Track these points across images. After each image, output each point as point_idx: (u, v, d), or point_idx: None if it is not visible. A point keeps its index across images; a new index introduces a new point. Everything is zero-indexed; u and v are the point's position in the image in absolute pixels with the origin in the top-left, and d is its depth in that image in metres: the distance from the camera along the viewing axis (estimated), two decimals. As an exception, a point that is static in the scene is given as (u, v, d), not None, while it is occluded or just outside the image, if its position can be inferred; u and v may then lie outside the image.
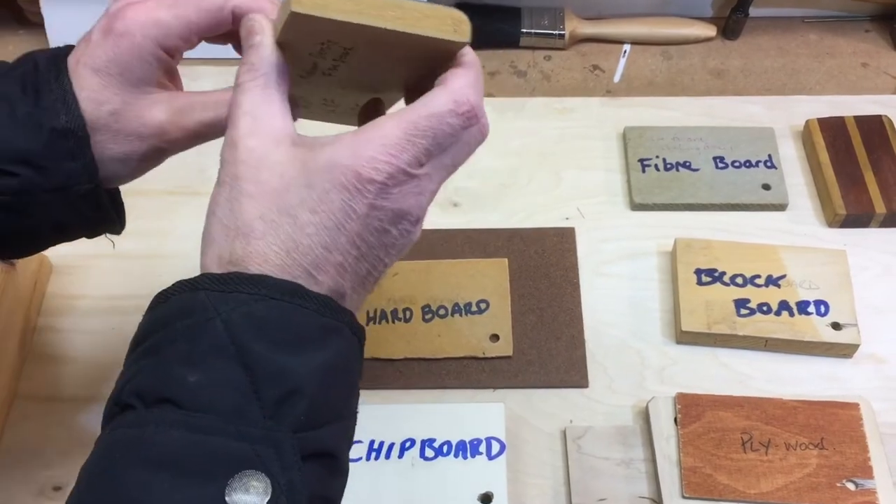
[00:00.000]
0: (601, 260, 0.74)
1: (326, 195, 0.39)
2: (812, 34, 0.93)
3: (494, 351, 0.68)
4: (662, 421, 0.63)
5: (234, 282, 0.39)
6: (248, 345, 0.37)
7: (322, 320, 0.39)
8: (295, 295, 0.39)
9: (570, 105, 0.85)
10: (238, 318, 0.38)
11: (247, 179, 0.40)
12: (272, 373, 0.38)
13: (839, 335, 0.67)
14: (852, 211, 0.74)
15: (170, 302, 0.40)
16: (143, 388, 0.38)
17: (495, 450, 0.62)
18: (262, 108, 0.41)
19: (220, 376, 0.37)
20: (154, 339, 0.39)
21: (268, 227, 0.40)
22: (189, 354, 0.38)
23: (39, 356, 0.69)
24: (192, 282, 0.40)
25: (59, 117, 0.45)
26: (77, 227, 0.50)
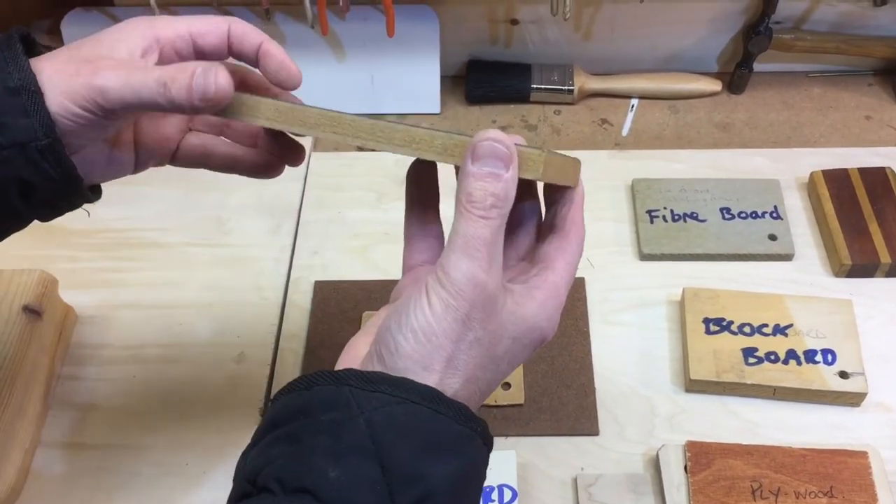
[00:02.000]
0: (611, 309, 0.75)
1: (523, 349, 0.45)
2: (816, 88, 0.95)
3: (506, 399, 0.69)
4: (673, 469, 0.63)
5: (378, 382, 0.40)
6: (388, 446, 0.38)
7: (457, 428, 0.40)
8: (433, 401, 0.40)
9: (580, 157, 0.86)
10: (380, 419, 0.39)
11: (479, 324, 0.42)
12: (408, 476, 0.38)
13: (847, 384, 0.68)
14: (858, 261, 0.75)
15: (313, 390, 0.41)
16: (283, 475, 0.38)
17: (507, 497, 0.63)
18: (497, 248, 0.42)
19: (360, 474, 0.38)
20: (294, 427, 0.40)
21: (482, 373, 0.43)
22: (332, 449, 0.38)
23: (63, 404, 0.71)
24: (338, 375, 0.41)
25: (11, 77, 0.46)
26: (46, 191, 0.48)
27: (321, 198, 0.86)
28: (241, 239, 0.82)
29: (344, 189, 0.85)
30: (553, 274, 0.45)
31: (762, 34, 0.89)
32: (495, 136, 0.42)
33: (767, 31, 0.89)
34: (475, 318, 0.41)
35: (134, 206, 0.84)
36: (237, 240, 0.82)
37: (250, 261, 0.81)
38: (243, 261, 0.81)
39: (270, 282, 0.79)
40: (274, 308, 0.77)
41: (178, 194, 0.86)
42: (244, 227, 0.83)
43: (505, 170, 0.42)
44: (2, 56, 0.46)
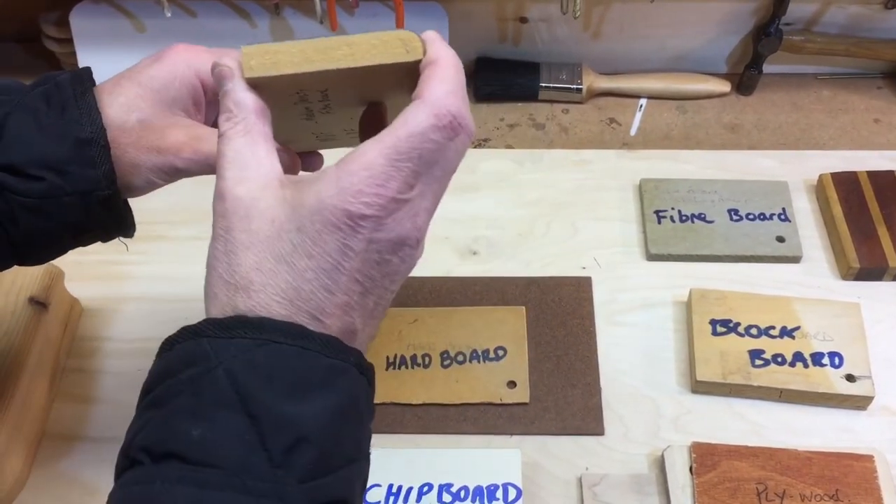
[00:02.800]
0: (617, 309, 0.75)
1: (319, 237, 0.38)
2: (825, 90, 0.95)
3: (511, 397, 0.69)
4: (678, 470, 0.63)
5: (236, 327, 0.38)
6: (252, 394, 0.37)
7: (327, 361, 0.38)
8: (298, 336, 0.38)
9: (588, 157, 0.87)
10: (240, 366, 0.37)
11: (239, 230, 0.39)
12: (278, 422, 0.37)
13: (853, 387, 0.67)
14: (866, 264, 0.75)
15: (174, 349, 0.39)
16: (149, 443, 0.37)
17: (512, 496, 0.63)
18: (245, 153, 0.41)
19: (225, 429, 0.37)
20: (160, 390, 0.39)
21: (266, 278, 0.39)
22: (193, 407, 0.37)
23: (68, 397, 0.71)
24: (196, 328, 0.39)
25: (83, 128, 0.49)
26: (94, 231, 0.53)
27: (328, 194, 0.85)
28: (248, 234, 0.82)
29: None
30: (364, 144, 0.39)
31: (772, 35, 0.89)
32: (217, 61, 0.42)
33: (778, 32, 0.89)
34: (232, 225, 0.40)
35: (142, 199, 0.82)
36: (244, 234, 0.82)
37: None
38: (249, 256, 0.80)
39: (276, 277, 0.79)
40: (280, 303, 0.77)
41: (186, 188, 0.84)
42: (251, 221, 0.83)
43: (228, 83, 0.42)
44: (76, 105, 0.49)
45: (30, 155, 0.48)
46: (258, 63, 0.41)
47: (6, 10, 0.94)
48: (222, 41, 0.90)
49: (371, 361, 0.44)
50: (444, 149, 0.40)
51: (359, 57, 0.41)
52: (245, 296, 0.39)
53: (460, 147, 0.41)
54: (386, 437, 0.68)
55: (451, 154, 0.40)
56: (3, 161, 0.48)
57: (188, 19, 0.89)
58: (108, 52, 0.91)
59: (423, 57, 0.41)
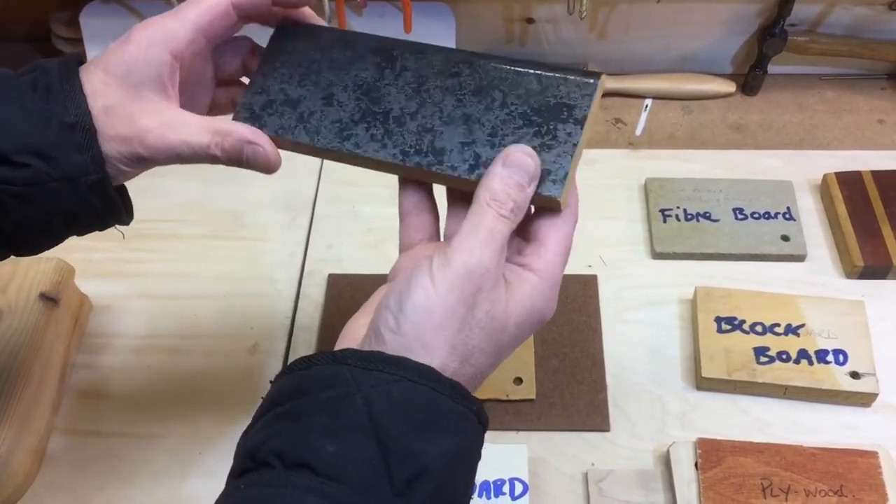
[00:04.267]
0: (623, 307, 0.76)
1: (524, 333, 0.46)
2: (829, 91, 0.96)
3: (518, 394, 0.69)
4: (683, 465, 0.64)
5: (375, 361, 0.41)
6: (385, 423, 0.39)
7: (453, 406, 0.41)
8: (430, 379, 0.41)
9: (594, 157, 0.88)
10: (377, 397, 0.40)
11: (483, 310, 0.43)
12: (404, 452, 0.39)
13: (858, 384, 0.68)
14: (870, 263, 0.75)
15: (312, 370, 0.42)
16: (283, 450, 0.39)
17: (518, 490, 0.63)
18: (505, 245, 0.44)
19: (356, 450, 0.39)
20: (293, 405, 0.41)
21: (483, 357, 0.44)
22: (329, 425, 0.39)
23: (77, 392, 0.72)
24: (336, 355, 0.42)
25: (68, 112, 0.47)
26: (87, 218, 0.51)
27: (336, 193, 0.86)
28: (257, 232, 0.83)
29: (358, 184, 0.86)
30: (547, 251, 0.46)
31: (777, 36, 0.89)
32: (529, 151, 0.45)
33: (782, 33, 0.89)
34: (479, 301, 0.42)
35: (152, 198, 0.84)
36: (253, 233, 0.83)
37: (265, 254, 0.81)
38: (258, 254, 0.81)
39: (285, 274, 0.79)
40: (288, 300, 0.77)
41: (195, 188, 0.87)
42: (260, 220, 0.84)
43: (528, 183, 0.45)
44: (61, 89, 0.48)
45: (14, 141, 0.47)
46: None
47: (17, 11, 0.95)
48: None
49: None
50: None
51: None
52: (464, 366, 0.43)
53: None
54: (393, 432, 0.68)
55: None
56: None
57: (197, 19, 0.90)
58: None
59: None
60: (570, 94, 0.47)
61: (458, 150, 0.48)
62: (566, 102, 0.47)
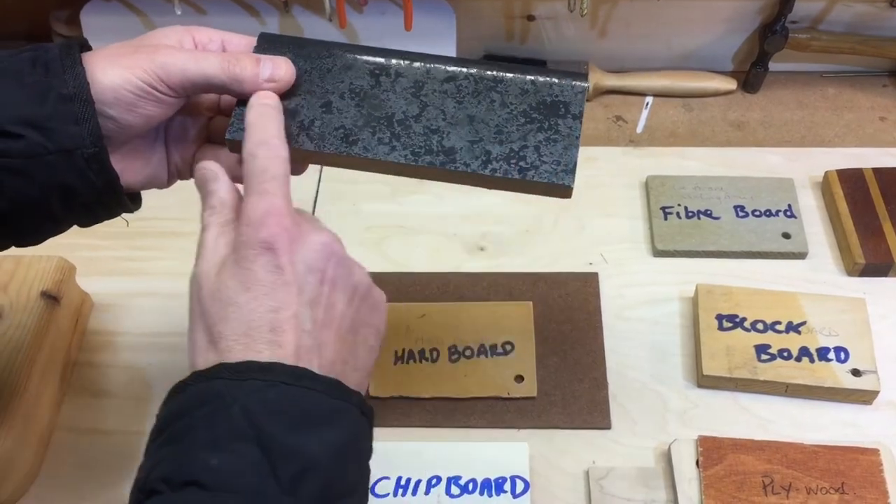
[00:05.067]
0: (624, 304, 0.76)
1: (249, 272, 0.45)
2: (831, 88, 0.96)
3: (519, 392, 0.69)
4: (684, 463, 0.64)
5: (248, 370, 0.42)
6: (264, 428, 0.40)
7: (331, 402, 0.42)
8: (303, 378, 0.42)
9: (594, 154, 0.88)
10: (253, 403, 0.40)
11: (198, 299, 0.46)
12: (287, 452, 0.40)
13: (859, 381, 0.68)
14: (871, 260, 0.75)
15: (187, 392, 0.42)
16: (168, 474, 0.40)
17: (519, 488, 0.63)
18: (219, 242, 0.47)
19: (240, 458, 0.39)
20: (174, 428, 0.41)
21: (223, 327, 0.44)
22: (211, 439, 0.40)
23: (79, 390, 0.72)
24: (207, 372, 0.42)
25: (66, 84, 0.47)
26: (86, 196, 0.50)
27: (336, 190, 0.86)
28: (257, 230, 0.83)
29: (359, 182, 0.86)
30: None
31: (778, 33, 0.89)
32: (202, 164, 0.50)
33: (783, 30, 0.89)
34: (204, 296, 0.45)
35: (153, 195, 0.83)
36: (253, 230, 0.83)
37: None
38: (259, 251, 0.81)
39: (285, 272, 0.79)
40: (289, 298, 0.77)
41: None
42: (260, 217, 0.84)
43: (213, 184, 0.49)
44: (60, 62, 0.47)
45: (10, 114, 0.46)
46: None
47: (17, 8, 0.95)
48: (231, 39, 0.91)
49: (379, 355, 0.47)
50: None
51: None
52: (213, 352, 0.43)
53: None
54: (394, 430, 0.68)
55: None
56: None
57: (198, 17, 0.90)
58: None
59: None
60: (563, 92, 0.52)
61: (467, 148, 0.50)
62: (562, 100, 0.52)
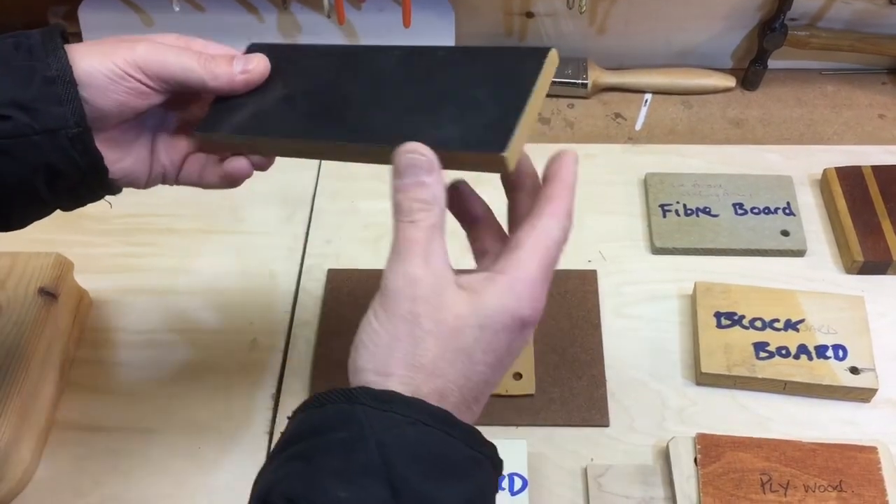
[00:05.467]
0: (622, 302, 0.76)
1: (496, 336, 0.43)
2: (830, 86, 0.95)
3: (517, 389, 0.69)
4: (683, 461, 0.64)
5: (389, 401, 0.40)
6: (398, 468, 0.39)
7: (468, 452, 0.41)
8: (445, 423, 0.41)
9: (593, 151, 0.88)
10: (391, 440, 0.39)
11: (428, 317, 0.42)
12: (418, 499, 0.38)
13: (857, 379, 0.68)
14: (870, 258, 0.75)
15: (325, 409, 0.41)
16: (294, 494, 0.39)
17: (518, 486, 0.63)
18: (433, 246, 0.43)
19: (368, 495, 0.38)
20: (307, 445, 0.40)
21: (448, 366, 0.42)
22: (342, 470, 0.39)
23: (77, 387, 0.72)
24: (349, 393, 0.41)
25: (49, 67, 0.48)
26: (70, 176, 0.50)
27: (335, 188, 0.86)
28: (255, 227, 0.83)
29: (357, 179, 0.86)
30: (521, 253, 0.44)
31: (777, 31, 0.89)
32: (412, 147, 0.44)
33: (783, 27, 0.89)
34: (420, 312, 0.42)
35: (149, 192, 0.83)
36: (251, 227, 0.83)
37: (264, 248, 0.81)
38: (257, 248, 0.81)
39: (284, 269, 0.79)
40: (287, 295, 0.77)
41: (192, 181, 0.86)
42: (258, 215, 0.84)
43: (427, 175, 0.44)
44: (42, 47, 0.49)
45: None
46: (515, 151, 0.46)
47: (15, 4, 0.94)
48: (230, 35, 0.91)
49: None
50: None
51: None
52: (428, 378, 0.42)
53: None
54: (392, 427, 0.68)
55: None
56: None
57: (196, 13, 0.90)
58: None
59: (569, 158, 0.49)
60: (518, 64, 0.48)
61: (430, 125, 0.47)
62: (517, 71, 0.48)
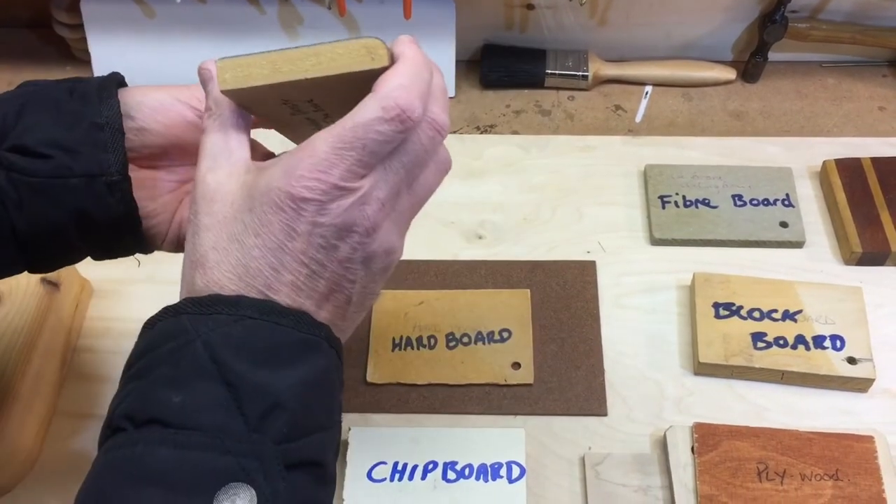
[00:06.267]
0: (621, 293, 0.76)
1: (266, 217, 0.41)
2: (830, 78, 0.96)
3: (516, 378, 0.70)
4: (680, 449, 0.64)
5: (213, 304, 0.41)
6: (229, 364, 0.39)
7: (299, 335, 0.41)
8: (271, 312, 0.41)
9: (593, 143, 0.88)
10: (218, 339, 0.40)
11: (203, 213, 0.43)
12: (254, 389, 0.39)
13: (854, 369, 0.68)
14: (868, 249, 0.75)
15: (156, 327, 0.42)
16: (131, 411, 0.40)
17: (515, 473, 0.64)
18: (219, 145, 0.45)
19: (204, 395, 0.39)
20: (141, 364, 0.41)
21: (220, 256, 0.42)
22: (173, 376, 0.39)
23: (79, 375, 0.72)
24: (175, 307, 0.42)
25: (100, 115, 0.49)
26: (104, 225, 0.51)
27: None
28: (256, 217, 0.83)
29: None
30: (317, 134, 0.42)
31: (777, 23, 0.89)
32: (201, 64, 0.46)
33: (783, 20, 0.89)
34: (199, 210, 0.43)
35: None
36: (252, 218, 0.83)
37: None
38: (258, 239, 0.81)
39: (284, 260, 0.80)
40: (287, 285, 0.78)
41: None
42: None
43: (207, 85, 0.46)
44: (97, 94, 0.50)
45: (42, 136, 0.48)
46: (231, 76, 0.44)
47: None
48: (231, 28, 0.91)
49: (377, 342, 0.46)
50: (395, 141, 0.41)
51: (324, 67, 0.42)
52: (202, 272, 0.42)
53: (425, 141, 0.42)
54: (392, 416, 0.68)
55: (413, 147, 0.42)
56: (15, 143, 0.48)
57: (198, 6, 0.90)
58: (119, 37, 0.92)
59: (386, 65, 0.42)
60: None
61: None
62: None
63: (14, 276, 0.69)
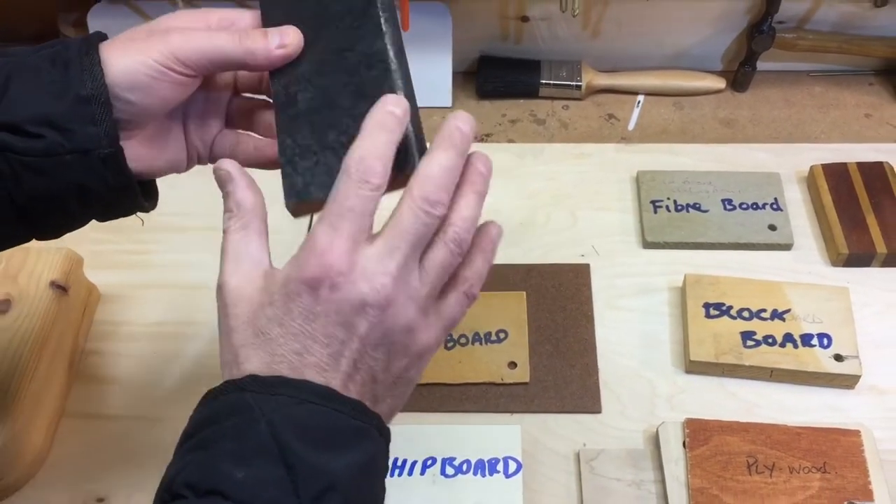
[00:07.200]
0: (614, 294, 0.78)
1: (286, 307, 0.44)
2: (817, 87, 0.98)
3: (512, 377, 0.71)
4: (672, 444, 0.66)
5: (278, 385, 0.43)
6: (289, 444, 0.41)
7: (354, 423, 0.43)
8: (330, 399, 0.43)
9: (587, 151, 0.90)
10: (280, 420, 0.41)
11: (228, 316, 0.45)
12: (310, 471, 0.41)
13: (841, 366, 0.70)
14: (854, 250, 0.77)
15: (219, 400, 0.44)
16: (193, 481, 0.41)
17: (512, 469, 0.65)
18: (241, 249, 0.47)
19: (264, 473, 0.40)
20: (203, 435, 0.43)
21: (249, 352, 0.44)
22: (236, 451, 0.41)
23: (86, 377, 0.74)
24: (240, 383, 0.44)
25: (84, 86, 0.48)
26: (102, 195, 0.51)
27: (336, 186, 0.88)
28: (259, 224, 0.85)
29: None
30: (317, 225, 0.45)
31: (765, 33, 0.92)
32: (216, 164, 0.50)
33: (770, 30, 0.92)
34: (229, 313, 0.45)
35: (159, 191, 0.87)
36: (254, 225, 0.85)
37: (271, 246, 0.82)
38: (260, 245, 0.83)
39: (286, 265, 0.81)
40: (289, 290, 0.79)
41: (201, 179, 0.87)
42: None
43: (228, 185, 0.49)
44: (80, 63, 0.48)
45: (30, 113, 0.48)
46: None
47: (25, 11, 0.97)
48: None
49: None
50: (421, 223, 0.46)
51: None
52: (236, 370, 0.45)
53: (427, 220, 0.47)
54: (391, 414, 0.70)
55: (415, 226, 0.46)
56: (5, 119, 0.48)
57: (201, 19, 0.92)
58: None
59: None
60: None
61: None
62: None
63: (24, 281, 0.72)
